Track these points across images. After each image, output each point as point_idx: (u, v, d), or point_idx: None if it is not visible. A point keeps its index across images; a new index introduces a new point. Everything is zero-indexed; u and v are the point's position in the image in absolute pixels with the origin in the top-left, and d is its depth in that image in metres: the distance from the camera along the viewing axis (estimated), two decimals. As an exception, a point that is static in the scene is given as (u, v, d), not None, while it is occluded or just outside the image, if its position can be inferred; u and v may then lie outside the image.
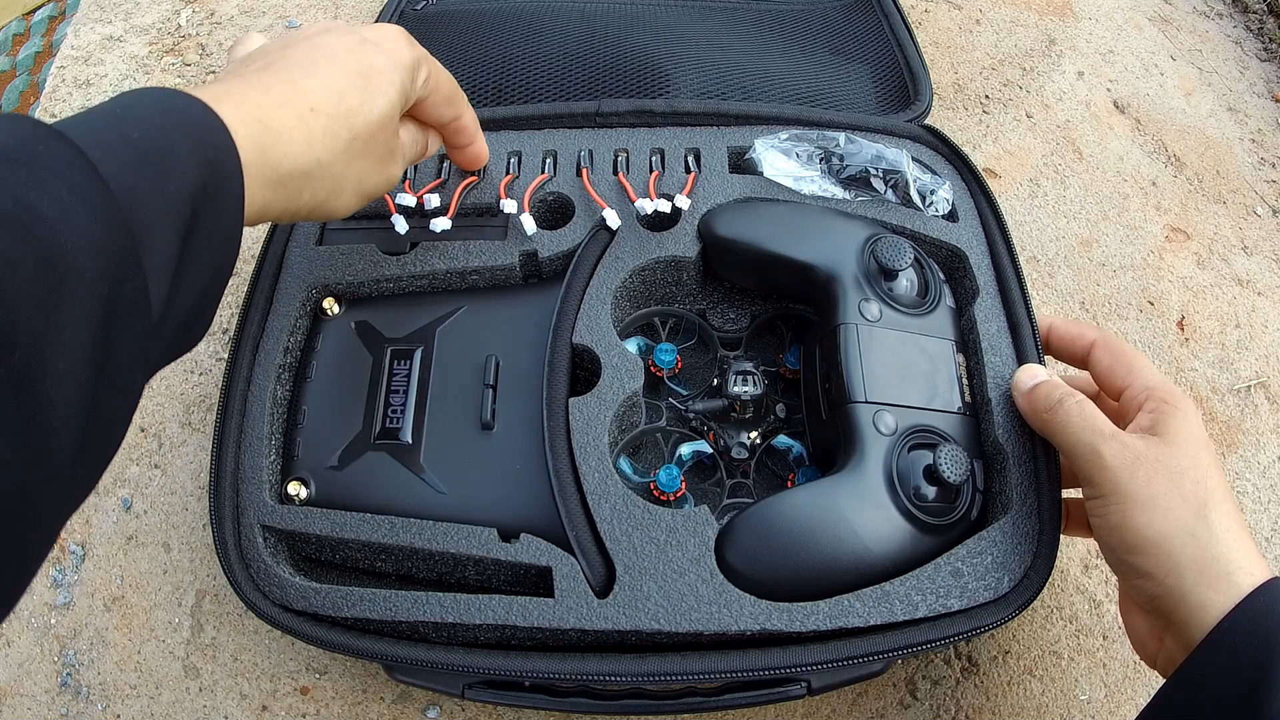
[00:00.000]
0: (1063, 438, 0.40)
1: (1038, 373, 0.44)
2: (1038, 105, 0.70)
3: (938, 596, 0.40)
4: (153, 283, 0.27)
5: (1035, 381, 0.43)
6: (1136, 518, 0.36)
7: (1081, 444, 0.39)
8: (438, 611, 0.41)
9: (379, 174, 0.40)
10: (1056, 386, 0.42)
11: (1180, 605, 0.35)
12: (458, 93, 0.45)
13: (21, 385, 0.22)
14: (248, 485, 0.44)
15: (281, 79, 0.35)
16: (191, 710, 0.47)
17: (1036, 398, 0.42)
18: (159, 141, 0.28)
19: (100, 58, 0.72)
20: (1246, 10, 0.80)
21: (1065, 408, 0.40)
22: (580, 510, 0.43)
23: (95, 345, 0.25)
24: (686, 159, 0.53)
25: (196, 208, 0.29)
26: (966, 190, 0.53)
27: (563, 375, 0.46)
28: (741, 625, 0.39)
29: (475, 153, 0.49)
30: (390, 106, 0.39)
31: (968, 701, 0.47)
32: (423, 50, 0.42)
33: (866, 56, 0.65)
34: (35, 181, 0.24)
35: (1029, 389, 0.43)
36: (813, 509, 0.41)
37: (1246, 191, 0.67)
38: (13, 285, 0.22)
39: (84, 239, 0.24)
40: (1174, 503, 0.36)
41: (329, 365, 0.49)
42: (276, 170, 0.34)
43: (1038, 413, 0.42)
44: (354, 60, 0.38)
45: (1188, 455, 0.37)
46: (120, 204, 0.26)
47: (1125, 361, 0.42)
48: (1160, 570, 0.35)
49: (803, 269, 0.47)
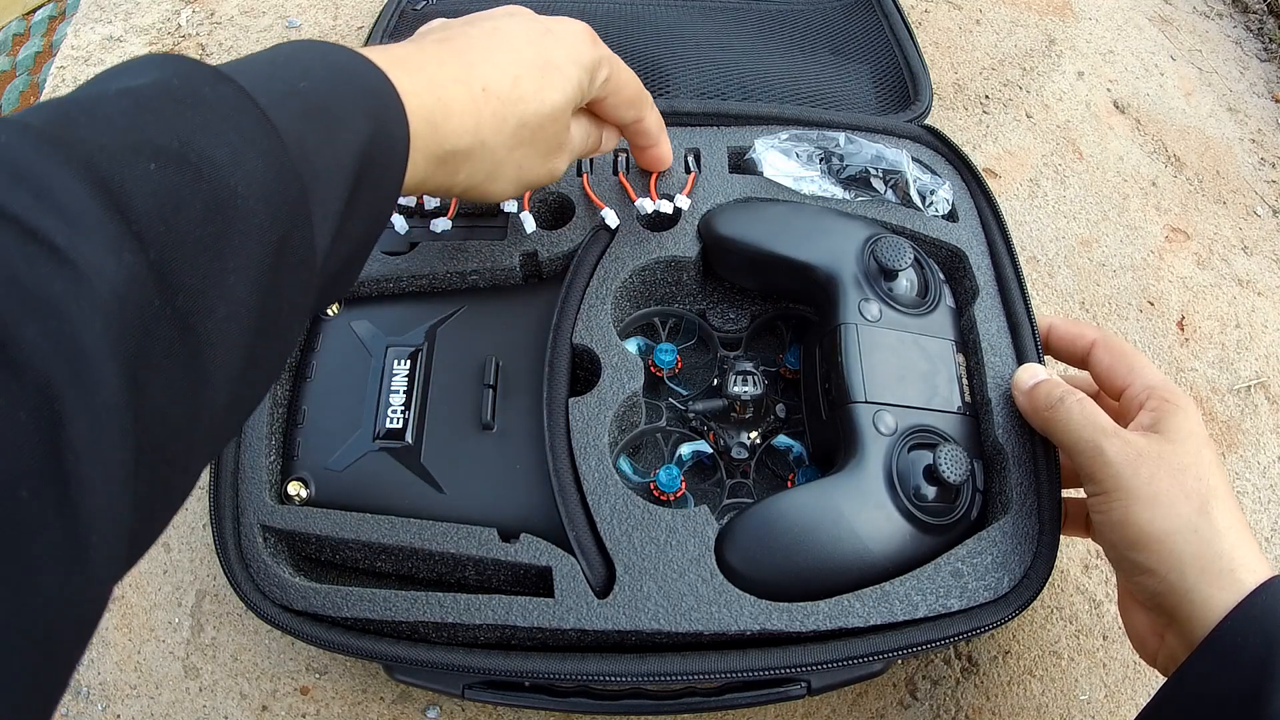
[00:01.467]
0: (1064, 435, 0.40)
1: (1038, 371, 0.44)
2: (1038, 105, 0.70)
3: (938, 596, 0.40)
4: (318, 235, 0.27)
5: (1035, 380, 0.43)
6: (1139, 514, 0.36)
7: (1083, 441, 0.39)
8: (438, 611, 0.41)
9: (541, 165, 0.40)
10: (1057, 385, 0.42)
11: (1182, 602, 0.35)
12: (641, 95, 0.44)
13: (185, 327, 0.22)
14: (248, 485, 0.44)
15: (458, 55, 0.35)
16: (191, 710, 0.47)
17: (1037, 396, 0.42)
18: (327, 95, 0.28)
19: (100, 58, 0.72)
20: (1246, 10, 0.80)
21: (1066, 405, 0.40)
22: (580, 510, 0.43)
23: (259, 292, 0.24)
24: (686, 159, 0.53)
25: (362, 165, 0.29)
26: (966, 190, 0.53)
27: (563, 375, 0.46)
28: (741, 625, 0.39)
29: (658, 155, 0.48)
30: (564, 100, 0.38)
31: (968, 701, 0.47)
32: (606, 50, 0.41)
33: (866, 56, 0.65)
34: (203, 124, 0.24)
35: (1029, 387, 0.43)
36: (813, 509, 0.41)
37: (1246, 191, 0.67)
38: (180, 226, 0.22)
39: (255, 185, 0.24)
40: (1176, 499, 0.36)
41: (329, 365, 0.49)
42: (441, 145, 0.34)
43: (1038, 411, 0.42)
44: (534, 51, 0.37)
45: (1190, 452, 0.37)
46: (291, 153, 0.25)
47: (1126, 361, 0.42)
48: (1162, 567, 0.35)
49: (803, 269, 0.47)
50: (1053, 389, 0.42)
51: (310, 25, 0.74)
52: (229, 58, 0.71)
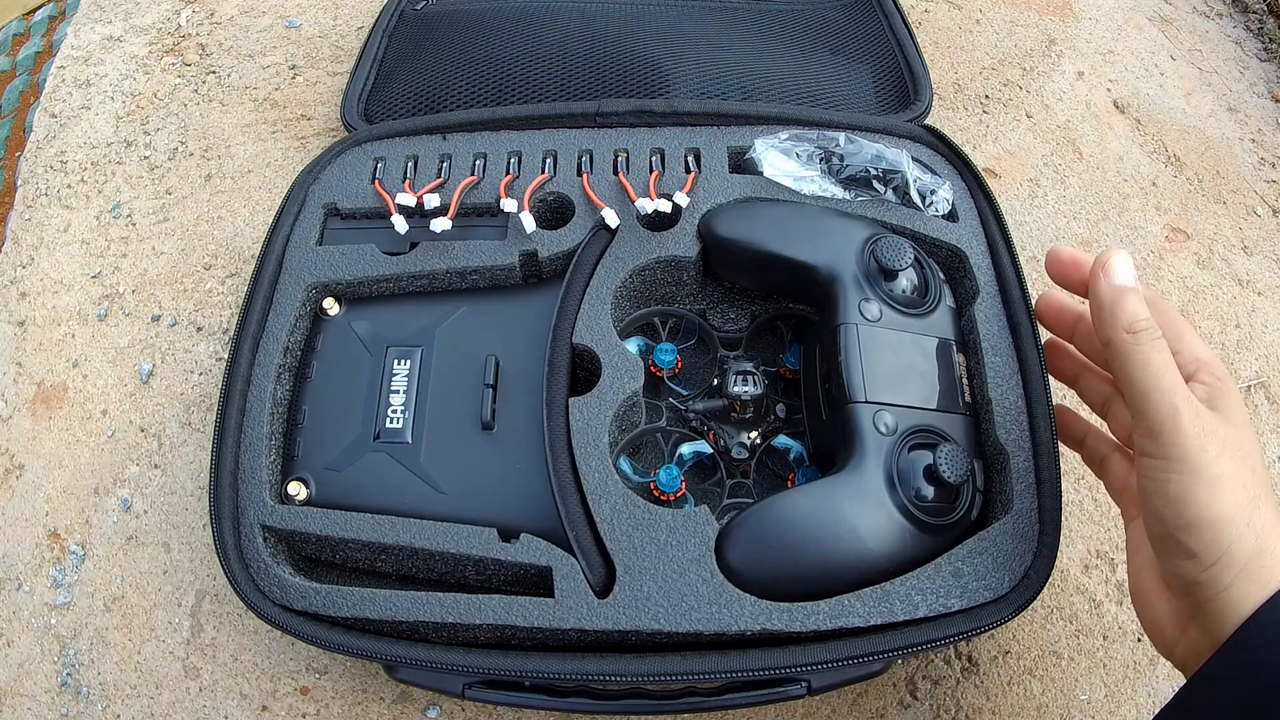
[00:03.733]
0: (1138, 376, 0.35)
1: (1133, 273, 0.37)
2: (1038, 105, 0.70)
3: (938, 596, 0.40)
4: None
5: (1127, 283, 0.37)
6: (1200, 494, 0.33)
7: (1160, 393, 0.34)
8: (438, 611, 0.41)
9: None
10: (1145, 307, 0.36)
11: (1217, 596, 0.32)
12: None
13: None
14: (248, 485, 0.44)
15: None
16: (191, 710, 0.47)
17: (1124, 309, 0.36)
18: None
19: (100, 58, 0.72)
20: (1246, 10, 0.80)
21: (1152, 342, 0.35)
22: (580, 510, 0.43)
23: None
24: (686, 159, 0.53)
25: None
26: (966, 190, 0.53)
27: (563, 375, 0.46)
28: (741, 625, 0.39)
29: None
30: None
31: (968, 701, 0.47)
32: None
33: (866, 56, 0.65)
34: None
35: (1121, 285, 0.37)
36: (813, 509, 0.41)
37: (1246, 191, 0.67)
38: None
39: None
40: (1237, 486, 0.33)
41: (329, 365, 0.49)
42: None
43: (1118, 327, 0.36)
44: None
45: (1248, 438, 0.34)
46: None
47: (1174, 327, 0.38)
48: (1209, 555, 0.33)
49: (803, 269, 0.47)
50: (1141, 309, 0.36)
51: (310, 25, 0.74)
52: (229, 58, 0.71)
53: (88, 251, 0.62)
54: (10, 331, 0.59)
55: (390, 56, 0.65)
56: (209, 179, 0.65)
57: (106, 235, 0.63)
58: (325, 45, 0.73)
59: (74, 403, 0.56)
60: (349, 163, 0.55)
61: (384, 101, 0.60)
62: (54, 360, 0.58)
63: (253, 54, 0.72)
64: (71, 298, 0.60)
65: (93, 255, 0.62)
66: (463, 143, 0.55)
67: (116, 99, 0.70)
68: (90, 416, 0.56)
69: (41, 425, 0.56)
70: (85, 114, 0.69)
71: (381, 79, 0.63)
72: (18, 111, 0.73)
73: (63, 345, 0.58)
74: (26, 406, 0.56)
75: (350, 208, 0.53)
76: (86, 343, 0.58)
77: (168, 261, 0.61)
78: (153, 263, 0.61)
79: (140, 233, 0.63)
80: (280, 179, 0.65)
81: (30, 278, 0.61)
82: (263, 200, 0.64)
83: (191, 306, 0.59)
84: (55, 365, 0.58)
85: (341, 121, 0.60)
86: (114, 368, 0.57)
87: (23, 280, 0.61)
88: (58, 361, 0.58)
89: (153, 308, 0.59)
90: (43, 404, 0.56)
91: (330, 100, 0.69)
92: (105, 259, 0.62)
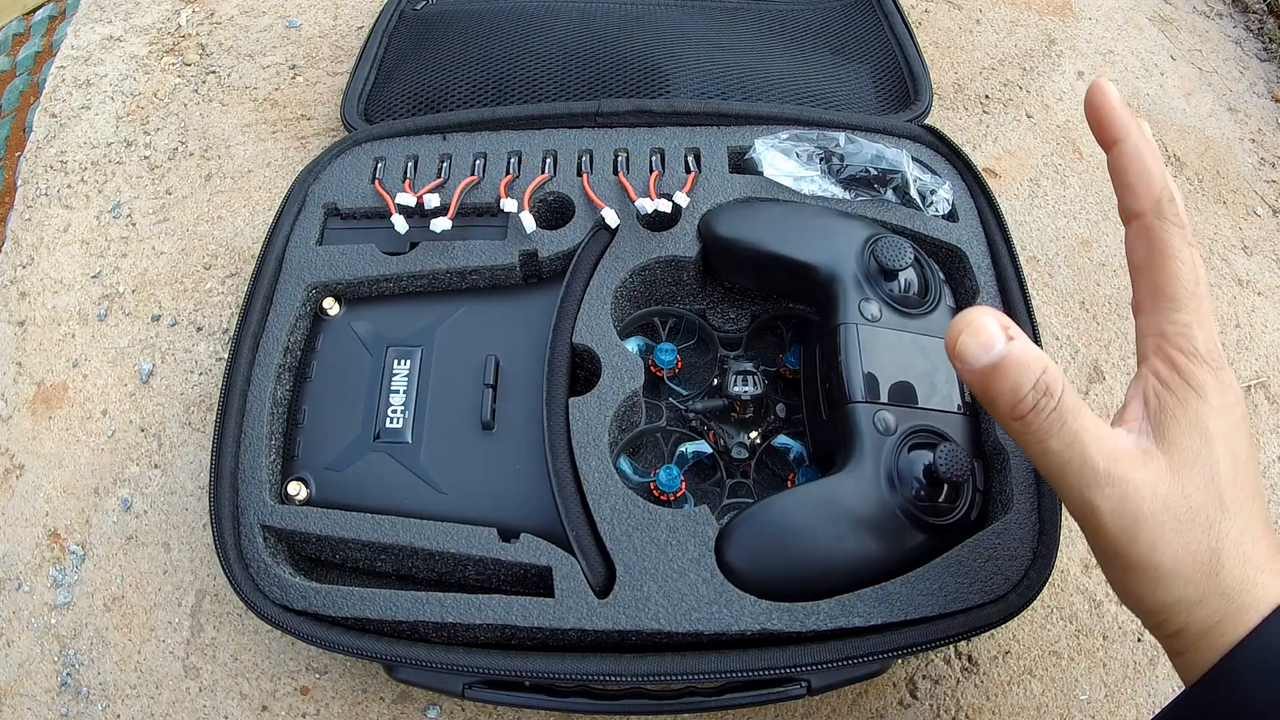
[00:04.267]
0: (1040, 464, 0.31)
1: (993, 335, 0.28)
2: (1038, 105, 0.70)
3: (938, 596, 0.40)
4: None
5: (991, 356, 0.28)
6: (1139, 587, 0.31)
7: (1066, 486, 0.30)
8: (438, 611, 0.41)
9: None
10: (1026, 372, 0.28)
11: (1179, 659, 0.32)
12: None
13: None
14: (248, 485, 0.44)
15: None
16: (191, 710, 0.47)
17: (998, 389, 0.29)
18: None
19: (100, 58, 0.72)
20: (1246, 10, 0.80)
21: (1042, 422, 0.29)
22: (580, 510, 0.43)
23: None
24: (686, 159, 0.53)
25: None
26: (966, 190, 0.53)
27: (563, 375, 0.46)
28: (741, 625, 0.39)
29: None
30: None
31: (968, 701, 0.47)
32: None
33: (866, 56, 0.65)
34: None
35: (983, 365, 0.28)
36: (813, 509, 0.41)
37: (1246, 191, 0.67)
38: None
39: None
40: (1183, 567, 0.30)
41: (329, 365, 0.49)
42: None
43: (1001, 415, 0.30)
44: None
45: (1198, 480, 0.30)
46: None
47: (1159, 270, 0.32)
48: (1165, 629, 0.31)
49: (803, 269, 0.47)
50: (1021, 378, 0.28)
51: (310, 25, 0.74)
52: (229, 58, 0.71)
53: (88, 251, 0.62)
54: (10, 331, 0.59)
55: (390, 56, 0.65)
56: (209, 179, 0.65)
57: (106, 235, 0.63)
58: (325, 45, 0.73)
59: (74, 403, 0.56)
60: (349, 163, 0.55)
61: (384, 101, 0.60)
62: (54, 360, 0.58)
63: (253, 54, 0.72)
64: (71, 298, 0.60)
65: (93, 255, 0.62)
66: (463, 143, 0.55)
67: (116, 99, 0.70)
68: (90, 416, 0.56)
69: (41, 425, 0.56)
70: (85, 114, 0.69)
71: (381, 79, 0.63)
72: (18, 111, 0.73)
73: (63, 345, 0.58)
74: (26, 406, 0.56)
75: (350, 208, 0.53)
76: (86, 343, 0.58)
77: (168, 261, 0.61)
78: (153, 263, 0.61)
79: (140, 233, 0.63)
80: (280, 179, 0.65)
81: (30, 278, 0.61)
82: (263, 200, 0.64)
83: (191, 306, 0.59)
84: (55, 365, 0.58)
85: (341, 121, 0.60)
86: (114, 368, 0.57)
87: (23, 280, 0.61)
88: (58, 361, 0.58)
89: (153, 308, 0.59)
90: (43, 404, 0.56)
91: (330, 100, 0.69)
92: (105, 259, 0.62)
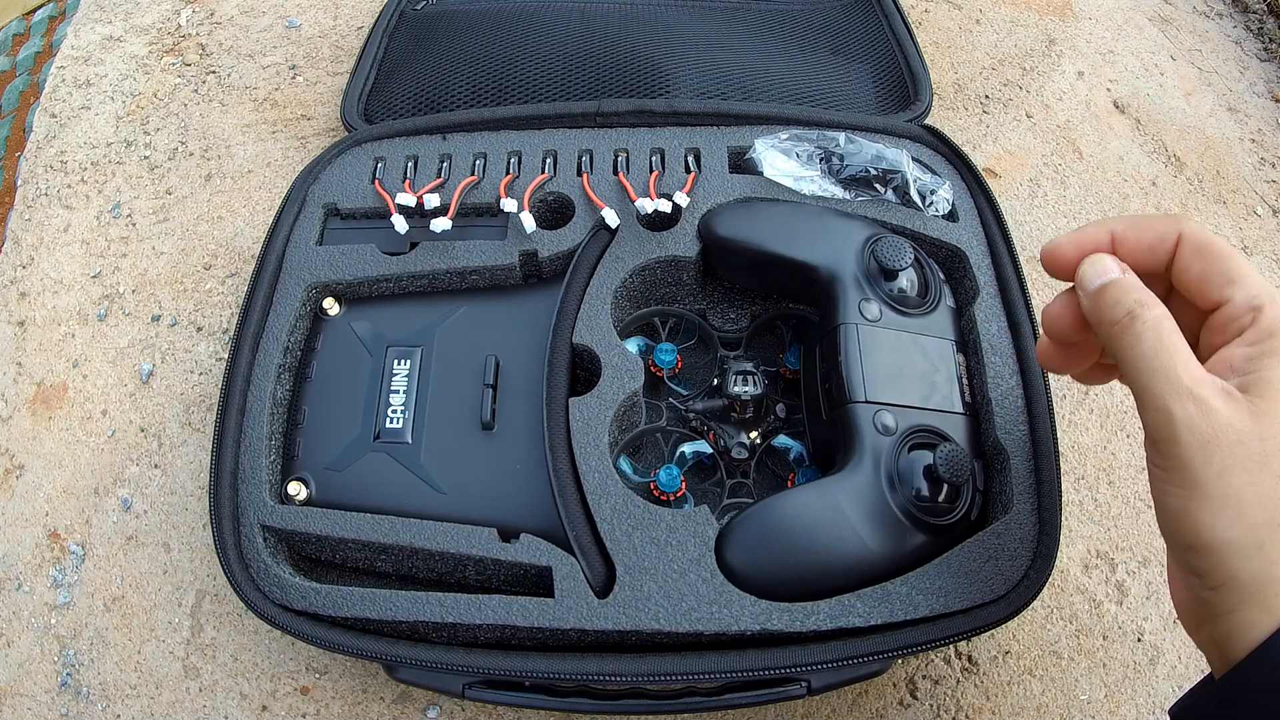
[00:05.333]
0: (1129, 369, 0.31)
1: (1107, 266, 0.33)
2: (1038, 105, 0.70)
3: (938, 596, 0.40)
4: None
5: (1103, 279, 0.33)
6: (1200, 515, 0.29)
7: (1150, 392, 0.30)
8: (438, 611, 0.41)
9: None
10: (1129, 290, 0.32)
11: (1223, 618, 0.29)
12: None
13: None
14: (248, 485, 0.44)
15: None
16: (191, 710, 0.47)
17: (1104, 302, 0.32)
18: None
19: (100, 58, 0.72)
20: (1246, 10, 0.80)
21: (1138, 327, 0.31)
22: (580, 510, 0.43)
23: None
24: (686, 159, 0.53)
25: None
26: (966, 190, 0.53)
27: (563, 375, 0.46)
28: (741, 625, 0.39)
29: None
30: None
31: (968, 701, 0.47)
32: None
33: (866, 56, 0.65)
34: None
35: (1095, 287, 0.33)
36: (813, 509, 0.41)
37: (1246, 191, 0.67)
38: None
39: None
40: (1248, 504, 0.28)
41: (329, 365, 0.49)
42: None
43: (1104, 323, 0.32)
44: None
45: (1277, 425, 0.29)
46: None
47: (1221, 266, 0.32)
48: (1214, 578, 0.29)
49: (803, 269, 0.47)
50: (1123, 294, 0.32)
51: (310, 25, 0.74)
52: (229, 58, 0.71)
53: (88, 251, 0.62)
54: (10, 331, 0.59)
55: (390, 56, 0.65)
56: (209, 179, 0.65)
57: (106, 235, 0.63)
58: (325, 45, 0.73)
59: (74, 403, 0.56)
60: (349, 163, 0.55)
61: (384, 101, 0.60)
62: (54, 360, 0.58)
63: (253, 54, 0.72)
64: (71, 298, 0.60)
65: (93, 255, 0.62)
66: (463, 143, 0.55)
67: (116, 99, 0.70)
68: (90, 416, 0.56)
69: (41, 425, 0.56)
70: (85, 114, 0.69)
71: (381, 79, 0.63)
72: (18, 111, 0.73)
73: (63, 345, 0.58)
74: (26, 406, 0.56)
75: (350, 208, 0.53)
76: (86, 343, 0.58)
77: (168, 261, 0.61)
78: (153, 263, 0.61)
79: (140, 233, 0.63)
80: (280, 179, 0.65)
81: (30, 278, 0.61)
82: (263, 200, 0.64)
83: (191, 306, 0.59)
84: (55, 365, 0.58)
85: (341, 121, 0.60)
86: (114, 368, 0.57)
87: (23, 280, 0.61)
88: (58, 361, 0.58)
89: (153, 308, 0.59)
90: (43, 404, 0.56)
91: (330, 100, 0.69)
92: (105, 259, 0.62)
